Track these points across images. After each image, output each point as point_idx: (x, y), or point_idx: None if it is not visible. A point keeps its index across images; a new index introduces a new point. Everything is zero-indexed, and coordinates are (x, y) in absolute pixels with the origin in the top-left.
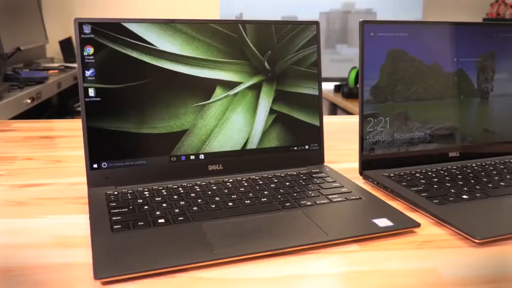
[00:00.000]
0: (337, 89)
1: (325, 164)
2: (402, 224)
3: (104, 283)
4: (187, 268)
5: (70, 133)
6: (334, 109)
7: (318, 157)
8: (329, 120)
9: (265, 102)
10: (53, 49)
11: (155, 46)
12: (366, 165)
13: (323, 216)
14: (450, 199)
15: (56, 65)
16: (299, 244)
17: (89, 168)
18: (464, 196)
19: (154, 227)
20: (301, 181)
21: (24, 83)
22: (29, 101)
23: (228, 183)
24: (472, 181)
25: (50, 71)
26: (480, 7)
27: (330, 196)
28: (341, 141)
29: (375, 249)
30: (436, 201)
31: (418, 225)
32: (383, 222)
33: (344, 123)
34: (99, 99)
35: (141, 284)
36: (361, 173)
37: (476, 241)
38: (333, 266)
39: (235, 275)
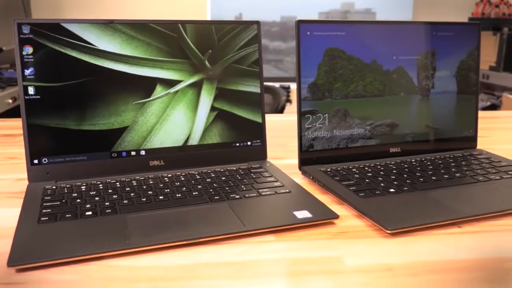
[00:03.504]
0: None
1: (268, 160)
2: (321, 215)
3: (18, 270)
4: (101, 257)
5: None
6: None
7: (261, 153)
8: (285, 118)
9: (206, 99)
10: None
11: (95, 46)
12: (305, 160)
13: (247, 209)
14: (377, 192)
15: None
16: (213, 234)
17: (30, 163)
18: (391, 190)
19: (80, 219)
20: (237, 176)
21: (6, 83)
22: (10, 101)
23: (165, 178)
24: (405, 175)
25: None
26: (466, 7)
27: (260, 190)
28: (295, 138)
29: (289, 239)
30: (362, 194)
31: (336, 216)
32: (302, 214)
33: None
34: (39, 97)
35: (54, 272)
36: (300, 168)
37: (388, 231)
38: (243, 255)
39: (146, 263)
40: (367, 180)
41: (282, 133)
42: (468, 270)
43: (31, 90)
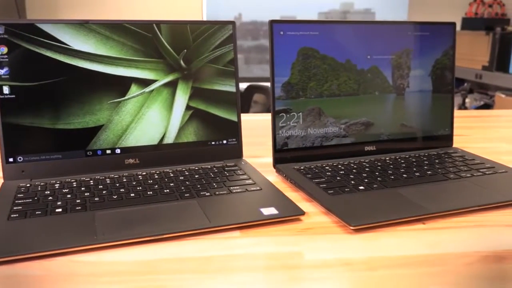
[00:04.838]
0: None
1: (244, 158)
2: (287, 212)
3: None
4: (66, 252)
5: None
6: None
7: (236, 151)
8: (265, 117)
9: (181, 98)
10: None
11: (69, 46)
12: (280, 159)
13: (214, 206)
14: (346, 190)
15: None
16: (177, 230)
17: (5, 162)
18: (361, 187)
19: (50, 216)
20: (211, 174)
21: None
22: None
23: (139, 176)
24: (377, 173)
25: None
26: (459, 7)
27: (231, 188)
28: None
29: (254, 235)
30: (331, 191)
31: (302, 213)
32: (269, 211)
33: None
34: (14, 96)
35: (19, 267)
36: (274, 167)
37: (351, 228)
38: (207, 251)
39: (110, 259)
40: (338, 178)
41: (261, 132)
42: (424, 265)
43: (6, 90)
